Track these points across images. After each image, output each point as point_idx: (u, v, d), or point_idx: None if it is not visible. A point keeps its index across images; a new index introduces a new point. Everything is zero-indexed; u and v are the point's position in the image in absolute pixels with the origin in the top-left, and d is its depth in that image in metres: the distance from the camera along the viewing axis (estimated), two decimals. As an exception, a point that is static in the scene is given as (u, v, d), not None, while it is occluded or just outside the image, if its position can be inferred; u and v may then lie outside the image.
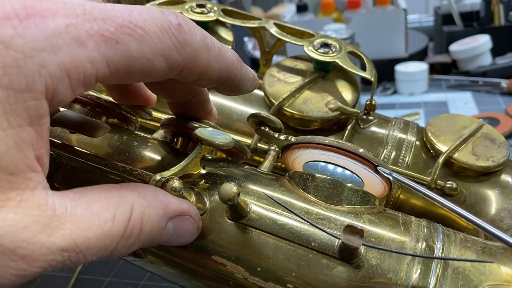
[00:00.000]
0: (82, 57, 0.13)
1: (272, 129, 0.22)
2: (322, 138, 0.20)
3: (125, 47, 0.14)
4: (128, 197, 0.15)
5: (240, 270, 0.18)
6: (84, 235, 0.14)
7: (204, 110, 0.23)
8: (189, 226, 0.18)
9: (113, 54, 0.14)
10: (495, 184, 0.26)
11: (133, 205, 0.15)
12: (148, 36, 0.15)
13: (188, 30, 0.16)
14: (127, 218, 0.15)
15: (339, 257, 0.18)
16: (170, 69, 0.16)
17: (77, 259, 0.14)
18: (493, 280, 0.17)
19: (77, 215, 0.14)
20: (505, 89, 0.66)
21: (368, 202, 0.20)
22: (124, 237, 0.15)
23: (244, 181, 0.20)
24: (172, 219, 0.17)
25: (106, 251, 0.14)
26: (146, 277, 0.40)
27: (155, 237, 0.16)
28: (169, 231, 0.17)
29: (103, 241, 0.14)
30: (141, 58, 0.15)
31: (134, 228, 0.15)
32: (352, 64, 0.30)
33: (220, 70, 0.18)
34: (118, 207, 0.15)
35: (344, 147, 0.20)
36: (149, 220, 0.16)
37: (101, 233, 0.14)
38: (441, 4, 0.85)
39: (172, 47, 0.15)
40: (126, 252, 0.15)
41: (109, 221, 0.14)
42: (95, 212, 0.14)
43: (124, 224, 0.15)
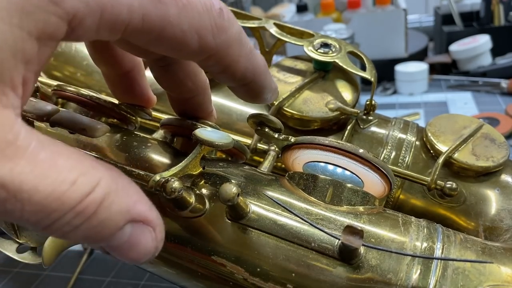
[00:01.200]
0: (123, 1, 0.13)
1: (272, 129, 0.22)
2: (322, 138, 0.20)
3: (165, 8, 0.14)
4: (99, 171, 0.13)
5: (240, 271, 0.18)
6: (34, 182, 0.12)
7: (205, 111, 0.23)
8: (147, 241, 0.15)
9: (152, 11, 0.14)
10: (495, 184, 0.26)
11: (100, 181, 0.13)
12: (190, 7, 0.14)
13: (227, 18, 0.16)
14: (88, 191, 0.12)
15: (339, 258, 0.18)
16: (200, 50, 0.15)
17: (11, 207, 0.12)
18: (493, 280, 0.17)
19: (38, 158, 0.12)
20: (505, 89, 0.66)
21: (368, 203, 0.20)
22: (75, 211, 0.12)
23: (244, 181, 0.20)
24: (133, 222, 0.14)
25: (47, 218, 0.12)
26: (146, 277, 0.40)
27: (105, 233, 0.13)
28: (123, 235, 0.14)
29: (50, 203, 0.12)
30: (176, 26, 0.14)
31: (89, 207, 0.12)
32: (352, 64, 0.29)
33: (247, 70, 0.17)
34: (84, 174, 0.13)
35: (344, 147, 0.20)
36: (109, 208, 0.13)
37: (53, 191, 0.12)
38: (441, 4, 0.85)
39: (209, 27, 0.15)
40: (65, 234, 0.13)
41: (68, 183, 0.12)
42: (58, 165, 0.12)
43: (81, 196, 0.12)
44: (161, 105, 0.30)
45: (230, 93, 0.31)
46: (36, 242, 0.24)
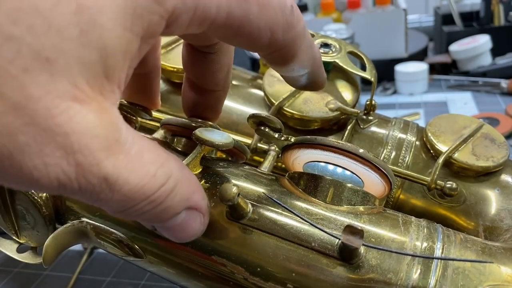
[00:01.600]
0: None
1: (272, 129, 0.22)
2: (322, 138, 0.21)
3: (248, 7, 0.14)
4: (172, 164, 0.14)
5: (240, 270, 0.18)
6: (126, 175, 0.13)
7: (217, 110, 0.23)
8: (196, 225, 0.16)
9: (236, 9, 0.14)
10: (495, 184, 0.26)
11: (172, 173, 0.14)
12: (269, 6, 0.15)
13: (296, 14, 0.16)
14: (163, 182, 0.14)
15: (339, 257, 0.18)
16: (269, 45, 0.16)
17: (105, 196, 0.13)
18: (493, 280, 0.17)
19: (131, 153, 0.13)
20: (505, 89, 0.66)
21: (368, 202, 0.20)
22: (149, 200, 0.14)
23: (244, 181, 0.20)
24: (188, 209, 0.16)
25: (128, 204, 0.13)
26: (146, 277, 0.40)
27: (164, 217, 0.15)
28: (178, 219, 0.15)
29: (134, 194, 0.13)
30: (254, 24, 0.15)
31: (161, 197, 0.14)
32: (352, 64, 0.30)
33: (307, 61, 0.18)
34: (162, 166, 0.14)
35: (344, 147, 0.20)
36: (173, 197, 0.14)
37: (138, 183, 0.13)
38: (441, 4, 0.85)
39: (280, 25, 0.16)
40: (138, 216, 0.14)
41: (150, 176, 0.13)
42: (144, 159, 0.13)
43: (158, 187, 0.14)
44: (162, 105, 0.30)
45: (231, 93, 0.31)
46: (36, 242, 0.24)
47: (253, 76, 0.34)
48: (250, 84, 0.32)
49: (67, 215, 0.23)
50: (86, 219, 0.22)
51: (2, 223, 0.24)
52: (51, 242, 0.21)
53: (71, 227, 0.22)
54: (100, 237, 0.22)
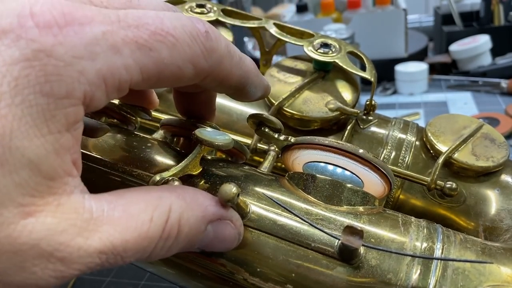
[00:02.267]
0: (118, 64, 0.14)
1: (272, 129, 0.22)
2: (322, 138, 0.20)
3: (157, 54, 0.14)
4: (166, 198, 0.15)
5: (240, 271, 0.18)
6: (121, 237, 0.14)
7: (210, 108, 0.23)
8: (230, 231, 0.17)
9: (146, 61, 0.14)
10: (495, 184, 0.26)
11: (171, 206, 0.15)
12: (178, 43, 0.15)
13: (214, 37, 0.16)
14: (165, 219, 0.15)
15: (339, 258, 0.18)
16: (196, 75, 0.16)
17: (115, 261, 0.14)
18: (493, 280, 0.17)
19: (115, 217, 0.14)
20: (505, 89, 0.66)
21: (368, 203, 0.20)
22: (162, 239, 0.15)
23: (244, 181, 0.20)
24: (211, 222, 0.17)
25: (145, 252, 0.14)
26: (146, 277, 0.40)
27: (194, 240, 0.16)
28: (209, 234, 0.16)
29: (141, 243, 0.14)
30: (171, 65, 0.15)
31: (172, 230, 0.15)
32: (352, 64, 0.29)
33: (240, 77, 0.18)
34: (156, 208, 0.15)
35: (343, 147, 0.20)
36: (187, 222, 0.15)
37: (139, 235, 0.14)
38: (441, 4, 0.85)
39: (200, 54, 0.16)
40: (165, 254, 0.15)
41: (147, 222, 0.14)
42: (132, 214, 0.14)
43: (162, 226, 0.15)
44: (161, 105, 0.30)
45: (230, 93, 0.31)
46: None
47: (253, 76, 0.34)
48: (250, 84, 0.32)
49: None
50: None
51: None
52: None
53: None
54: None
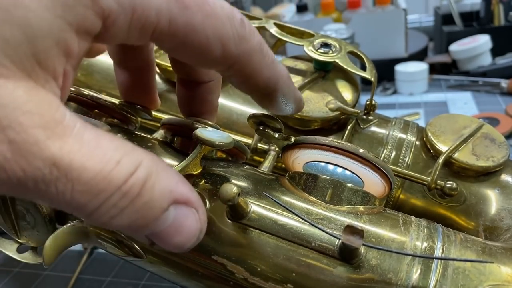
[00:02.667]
0: (153, 2, 0.13)
1: (272, 129, 0.22)
2: (322, 138, 0.20)
3: (191, 15, 0.14)
4: (140, 153, 0.13)
5: (240, 270, 0.18)
6: (82, 161, 0.12)
7: (212, 105, 0.23)
8: (191, 223, 0.15)
9: (178, 16, 0.14)
10: (495, 184, 0.26)
11: (142, 161, 0.13)
12: (214, 15, 0.15)
13: (248, 28, 0.16)
14: (132, 170, 0.13)
15: (339, 257, 0.18)
16: (222, 58, 0.16)
17: (62, 188, 0.12)
18: (493, 280, 0.17)
19: (83, 138, 0.12)
20: (505, 89, 0.66)
21: (368, 202, 0.20)
22: (121, 191, 0.12)
23: (244, 181, 0.20)
24: (176, 204, 0.14)
25: (95, 199, 0.12)
26: (146, 277, 0.40)
27: (150, 216, 0.13)
28: (167, 218, 0.14)
29: (98, 182, 0.12)
30: (201, 32, 0.15)
31: (134, 187, 0.13)
32: (352, 64, 0.29)
33: (269, 79, 0.18)
34: (127, 154, 0.13)
35: (344, 147, 0.20)
36: (152, 188, 0.13)
37: (100, 170, 0.12)
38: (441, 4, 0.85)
39: (231, 36, 0.15)
40: (111, 218, 0.13)
41: (113, 162, 0.12)
42: (102, 146, 0.12)
43: (126, 175, 0.12)
44: (162, 105, 0.30)
45: (231, 93, 0.31)
46: (37, 242, 0.24)
47: (253, 76, 0.34)
48: (250, 84, 0.32)
49: (68, 215, 0.23)
50: (86, 219, 0.22)
51: (2, 223, 0.24)
52: (51, 242, 0.21)
53: (71, 227, 0.22)
54: (100, 237, 0.22)
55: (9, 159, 0.11)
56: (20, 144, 0.11)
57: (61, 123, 0.12)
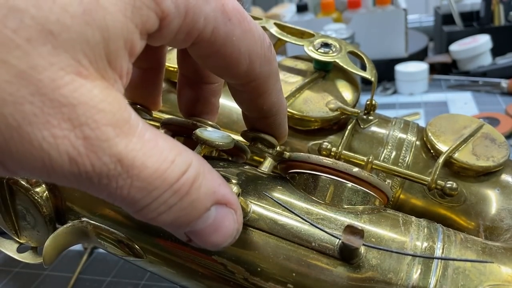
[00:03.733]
0: (203, 9, 0.14)
1: (266, 145, 0.22)
2: (315, 157, 0.20)
3: (232, 27, 0.15)
4: (190, 153, 0.14)
5: (241, 270, 0.18)
6: (143, 159, 0.12)
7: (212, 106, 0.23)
8: (230, 223, 0.15)
9: (221, 26, 0.15)
10: (495, 184, 0.26)
11: (192, 162, 0.14)
12: (250, 32, 0.16)
13: (273, 53, 0.17)
14: (184, 169, 0.13)
15: (339, 257, 0.18)
16: (246, 73, 0.17)
17: (122, 183, 0.12)
18: (493, 280, 0.17)
19: (145, 137, 0.13)
20: (505, 89, 0.66)
21: (368, 202, 0.20)
22: (172, 189, 0.13)
23: (245, 181, 0.20)
24: (217, 204, 0.15)
25: (149, 195, 0.13)
26: (146, 277, 0.40)
27: (193, 215, 0.14)
28: (209, 217, 0.14)
29: (154, 180, 0.13)
30: (236, 46, 0.15)
31: (184, 186, 0.13)
32: (352, 64, 0.29)
33: (274, 104, 0.19)
34: (180, 154, 0.13)
35: (337, 168, 0.20)
36: (199, 188, 0.14)
37: (157, 168, 0.13)
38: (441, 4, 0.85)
39: (259, 55, 0.16)
40: (159, 215, 0.13)
41: (169, 162, 0.13)
42: (159, 145, 0.13)
43: (179, 174, 0.13)
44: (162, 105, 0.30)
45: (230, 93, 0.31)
46: (37, 242, 0.24)
47: (253, 76, 0.34)
48: (250, 84, 0.32)
49: (67, 215, 0.23)
50: (87, 219, 0.22)
51: (2, 223, 0.24)
52: (51, 242, 0.21)
53: (71, 227, 0.22)
54: (100, 237, 0.22)
55: (82, 154, 0.12)
56: (94, 140, 0.12)
57: (128, 122, 0.12)
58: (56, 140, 0.11)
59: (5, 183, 0.22)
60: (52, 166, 0.11)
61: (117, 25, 0.12)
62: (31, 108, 0.11)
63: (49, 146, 0.11)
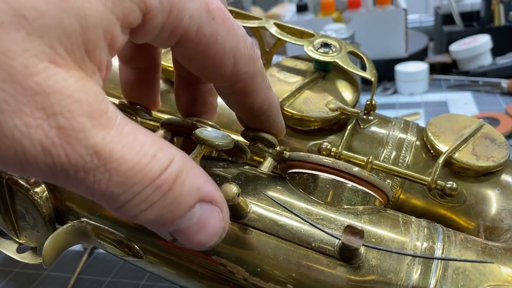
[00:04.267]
0: (188, 7, 0.14)
1: (266, 145, 0.22)
2: (315, 157, 0.20)
3: (216, 27, 0.15)
4: (173, 149, 0.13)
5: (240, 271, 0.18)
6: (122, 152, 0.12)
7: (210, 106, 0.23)
8: (215, 222, 0.15)
9: (206, 25, 0.15)
10: (495, 184, 0.26)
11: (175, 157, 0.13)
12: (233, 32, 0.16)
13: (256, 52, 0.17)
14: (166, 165, 0.13)
15: (339, 258, 0.18)
16: (231, 74, 0.17)
17: (100, 177, 0.12)
18: (493, 280, 0.17)
19: (124, 130, 0.12)
20: (505, 89, 0.66)
21: (368, 203, 0.20)
22: (154, 185, 0.12)
23: (244, 181, 0.20)
24: (202, 202, 0.14)
25: (129, 191, 0.12)
26: (146, 277, 0.40)
27: (177, 213, 0.14)
28: (193, 215, 0.14)
29: (134, 174, 0.12)
30: (220, 45, 0.15)
31: (167, 182, 0.13)
32: (352, 64, 0.29)
33: (264, 102, 0.19)
34: (162, 149, 0.13)
35: (337, 167, 0.20)
36: (182, 184, 0.13)
37: (138, 162, 0.12)
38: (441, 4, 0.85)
39: (243, 54, 0.16)
40: (140, 212, 0.13)
41: (150, 156, 0.12)
42: (139, 139, 0.12)
43: (161, 169, 0.13)
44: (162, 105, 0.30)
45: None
46: (36, 242, 0.24)
47: (253, 76, 0.34)
48: (250, 84, 0.32)
49: (67, 215, 0.23)
50: (86, 219, 0.22)
51: (2, 223, 0.24)
52: (51, 242, 0.21)
53: (71, 227, 0.22)
54: (100, 237, 0.22)
55: (57, 144, 0.11)
56: (68, 130, 0.11)
57: (105, 114, 0.12)
58: (29, 129, 0.11)
59: (4, 183, 0.22)
60: (25, 156, 0.11)
61: (96, 14, 0.12)
62: (2, 95, 0.10)
63: (21, 135, 0.11)
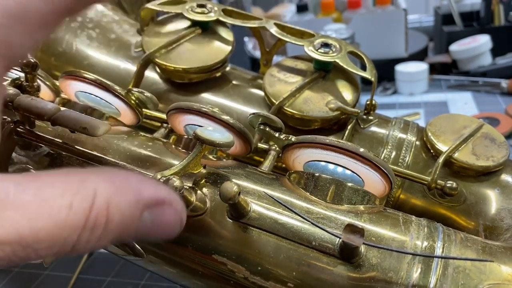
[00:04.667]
0: None
1: (273, 128, 0.22)
2: (323, 137, 0.20)
3: None
4: (91, 182, 0.13)
5: (241, 269, 0.18)
6: (31, 225, 0.11)
7: None
8: (170, 217, 0.15)
9: None
10: (495, 184, 0.26)
11: (96, 191, 0.13)
12: None
13: None
14: (88, 206, 0.12)
15: (340, 256, 0.18)
16: None
17: (25, 254, 0.11)
18: (493, 279, 0.17)
19: (23, 201, 0.12)
20: (505, 89, 0.66)
21: (369, 202, 0.20)
22: (87, 229, 0.12)
23: (245, 180, 0.20)
24: (149, 208, 0.14)
25: (66, 244, 0.12)
26: (146, 277, 0.40)
27: (130, 229, 0.14)
28: (146, 222, 0.14)
29: (59, 234, 0.12)
30: None
31: (99, 218, 0.12)
32: (352, 64, 0.30)
33: None
34: (77, 193, 0.12)
35: (344, 146, 0.20)
36: (118, 209, 0.13)
37: (55, 223, 0.12)
38: (441, 4, 0.85)
39: None
40: (95, 246, 0.13)
41: (65, 209, 0.12)
42: (46, 199, 0.12)
43: (84, 213, 0.12)
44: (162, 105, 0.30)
45: (231, 93, 0.31)
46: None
47: (253, 76, 0.34)
48: (251, 84, 0.32)
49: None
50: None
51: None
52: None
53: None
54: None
55: None
56: None
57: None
58: None
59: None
60: None
61: None
62: None
63: None
